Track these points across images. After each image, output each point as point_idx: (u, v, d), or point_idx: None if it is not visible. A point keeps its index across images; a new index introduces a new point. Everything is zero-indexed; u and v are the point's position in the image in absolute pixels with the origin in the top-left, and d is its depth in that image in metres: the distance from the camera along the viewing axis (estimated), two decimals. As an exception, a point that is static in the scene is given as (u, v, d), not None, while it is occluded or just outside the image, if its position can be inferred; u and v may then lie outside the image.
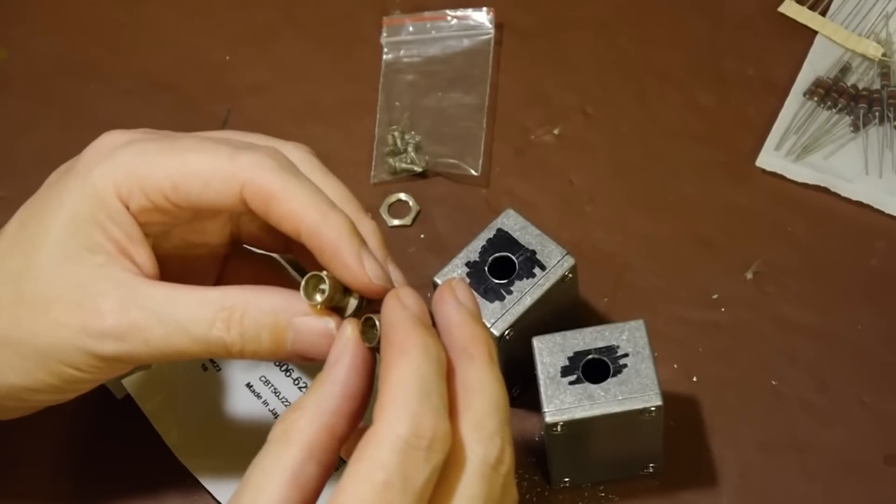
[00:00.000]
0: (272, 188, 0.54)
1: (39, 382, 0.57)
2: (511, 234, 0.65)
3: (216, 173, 0.55)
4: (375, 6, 0.82)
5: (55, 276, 0.55)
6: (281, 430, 0.51)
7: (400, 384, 0.49)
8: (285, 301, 0.55)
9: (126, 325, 0.54)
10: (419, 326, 0.51)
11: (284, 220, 0.54)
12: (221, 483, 0.66)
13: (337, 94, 0.80)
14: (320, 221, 0.54)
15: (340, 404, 0.51)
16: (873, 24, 0.78)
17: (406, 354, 0.50)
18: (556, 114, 0.78)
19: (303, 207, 0.54)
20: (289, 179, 0.54)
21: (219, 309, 0.54)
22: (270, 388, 0.68)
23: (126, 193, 0.55)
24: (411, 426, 0.48)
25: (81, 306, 0.55)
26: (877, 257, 0.71)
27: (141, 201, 0.55)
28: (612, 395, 0.60)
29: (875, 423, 0.66)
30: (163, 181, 0.55)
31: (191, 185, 0.55)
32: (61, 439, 0.68)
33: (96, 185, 0.55)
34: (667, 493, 0.65)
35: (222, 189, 0.55)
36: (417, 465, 0.48)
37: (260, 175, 0.54)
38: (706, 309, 0.70)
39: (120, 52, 0.83)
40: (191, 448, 0.67)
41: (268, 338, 0.54)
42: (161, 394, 0.68)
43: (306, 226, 0.54)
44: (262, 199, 0.54)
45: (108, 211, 0.55)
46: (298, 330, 0.54)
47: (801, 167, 0.73)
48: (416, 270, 0.72)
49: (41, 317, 0.55)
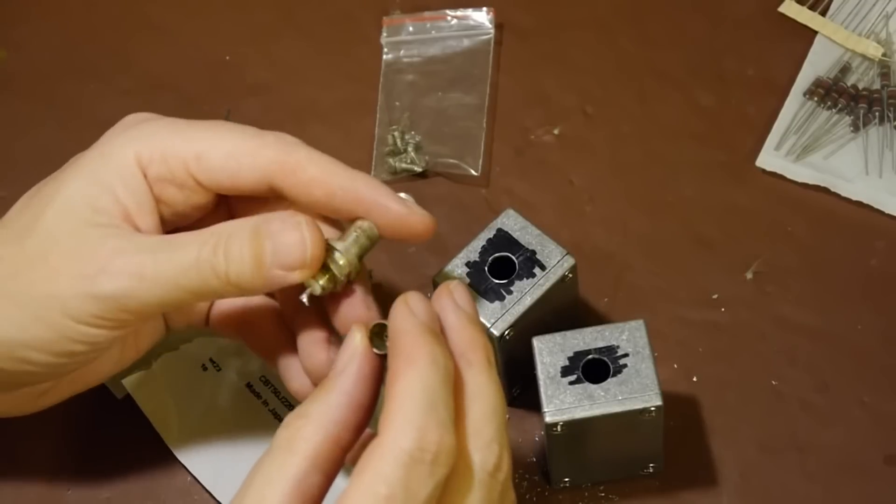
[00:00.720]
0: (300, 157, 0.56)
1: (35, 338, 0.55)
2: (511, 234, 0.65)
3: (241, 147, 0.56)
4: (375, 6, 0.82)
5: (57, 229, 0.55)
6: (285, 437, 0.50)
7: (406, 395, 0.49)
8: (266, 216, 0.55)
9: (121, 264, 0.54)
10: (427, 334, 0.51)
11: (316, 185, 0.56)
12: (221, 483, 0.66)
13: (337, 94, 0.80)
14: (351, 180, 0.56)
15: (346, 414, 0.51)
16: (873, 24, 0.78)
17: (413, 364, 0.49)
18: (556, 114, 0.78)
19: (333, 170, 0.56)
20: (311, 149, 0.56)
21: (208, 234, 0.54)
22: (270, 388, 0.68)
23: (146, 160, 0.56)
24: (416, 439, 0.48)
25: (78, 253, 0.54)
26: (877, 257, 0.71)
27: (160, 170, 0.56)
28: (612, 395, 0.60)
29: (875, 423, 0.66)
30: (186, 150, 0.56)
31: (214, 155, 0.56)
32: (61, 439, 0.68)
33: (115, 150, 0.56)
34: (667, 493, 0.65)
35: (246, 163, 0.56)
36: (421, 480, 0.48)
37: (287, 146, 0.56)
38: (706, 309, 0.70)
39: (120, 52, 0.83)
40: (191, 448, 0.67)
41: (248, 251, 0.53)
42: (161, 394, 0.68)
43: (340, 183, 0.56)
44: (289, 168, 0.56)
45: (122, 174, 0.55)
46: (274, 235, 0.54)
47: (801, 167, 0.73)
48: (416, 270, 0.72)
49: (39, 267, 0.55)
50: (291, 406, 0.68)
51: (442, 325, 0.53)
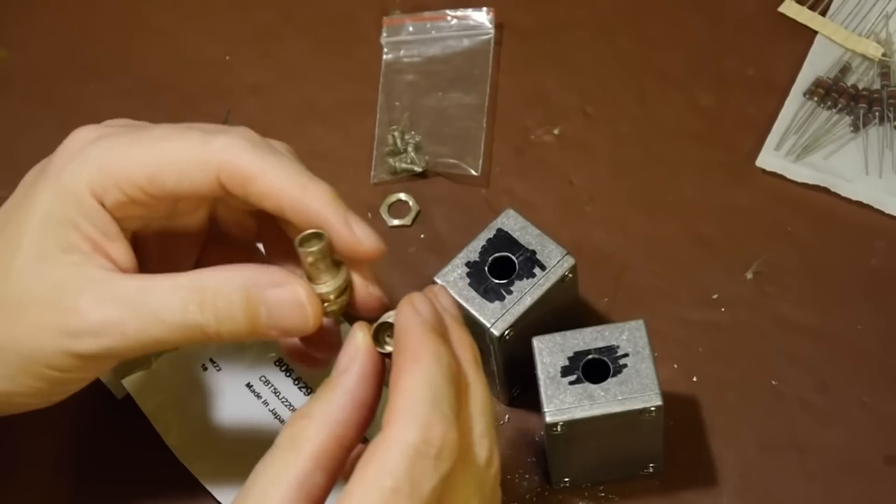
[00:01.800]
0: (248, 169, 0.54)
1: (24, 386, 0.56)
2: (511, 234, 0.65)
3: (190, 161, 0.54)
4: (375, 6, 0.82)
5: (31, 278, 0.55)
6: (288, 436, 0.50)
7: (411, 391, 0.49)
8: (256, 275, 0.54)
9: (102, 319, 0.54)
10: (432, 333, 0.51)
11: (265, 199, 0.54)
12: (221, 483, 0.66)
13: (337, 94, 0.80)
14: (301, 194, 0.54)
15: (350, 414, 0.51)
16: (873, 24, 0.78)
17: (419, 361, 0.50)
18: (556, 114, 0.78)
19: (281, 183, 0.54)
20: (264, 157, 0.54)
21: (191, 291, 0.54)
22: (270, 388, 0.68)
23: (100, 190, 0.55)
24: (421, 434, 0.48)
25: (58, 307, 0.54)
26: (877, 257, 0.71)
27: (116, 196, 0.55)
28: (612, 395, 0.60)
29: (875, 423, 0.66)
30: (137, 174, 0.54)
31: (166, 175, 0.54)
32: (61, 439, 0.68)
33: (68, 184, 0.55)
34: (667, 493, 0.65)
35: (198, 176, 0.54)
36: (426, 473, 0.48)
37: (234, 157, 0.54)
38: (706, 309, 0.70)
39: (120, 52, 0.83)
40: (191, 448, 0.67)
41: (241, 314, 0.54)
42: (161, 394, 0.68)
43: (288, 200, 0.54)
44: (239, 181, 0.54)
45: (82, 209, 0.55)
46: (270, 303, 0.54)
47: (801, 167, 0.73)
48: (416, 270, 0.72)
49: (19, 321, 0.55)
50: (291, 406, 0.68)
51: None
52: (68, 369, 0.55)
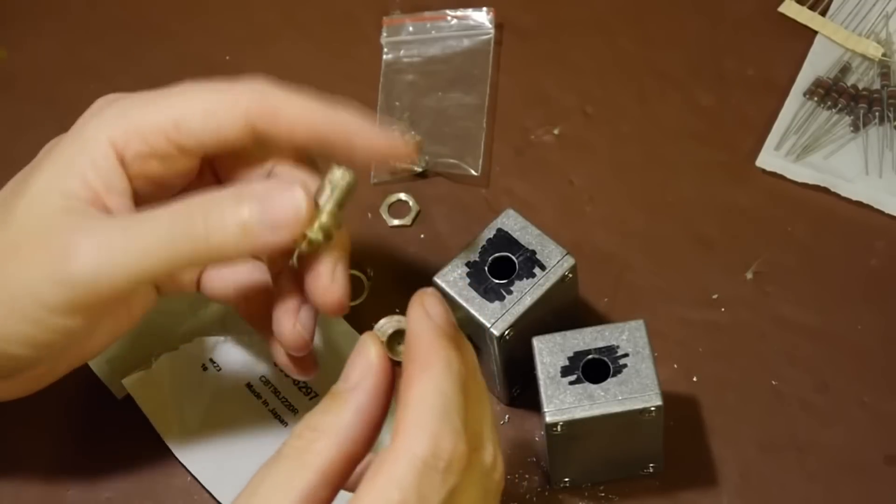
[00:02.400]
0: (278, 100, 0.56)
1: (14, 332, 0.55)
2: (511, 234, 0.65)
3: (217, 103, 0.56)
4: (375, 6, 0.82)
5: (27, 220, 0.55)
6: (295, 447, 0.50)
7: (421, 401, 0.49)
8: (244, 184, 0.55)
9: (89, 244, 0.54)
10: (443, 339, 0.50)
11: (297, 125, 0.56)
12: (221, 483, 0.66)
13: (337, 94, 0.79)
14: (334, 113, 0.56)
15: (360, 431, 0.50)
16: (873, 24, 0.78)
17: (428, 370, 0.49)
18: (556, 114, 0.78)
19: (311, 106, 0.56)
20: (289, 91, 0.57)
21: (181, 205, 0.54)
22: (270, 388, 0.68)
23: (122, 142, 0.55)
24: (431, 447, 0.48)
25: (48, 241, 0.54)
26: (877, 257, 0.71)
27: (139, 147, 0.55)
28: (612, 395, 0.60)
29: (875, 423, 0.66)
30: (163, 121, 0.56)
31: (192, 119, 0.56)
32: (61, 439, 0.68)
33: (87, 136, 0.56)
34: (667, 493, 0.65)
35: (226, 117, 0.56)
36: (434, 487, 0.48)
37: (263, 92, 0.56)
38: (706, 309, 0.70)
39: (120, 52, 0.83)
40: (191, 448, 0.67)
41: (231, 215, 0.53)
42: (161, 394, 0.68)
43: (322, 119, 0.56)
44: (269, 112, 0.56)
45: (93, 158, 0.55)
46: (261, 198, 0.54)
47: (801, 167, 0.73)
48: (416, 270, 0.72)
49: (12, 260, 0.55)
50: (291, 406, 0.68)
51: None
52: (57, 307, 0.54)
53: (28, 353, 0.56)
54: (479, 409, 0.51)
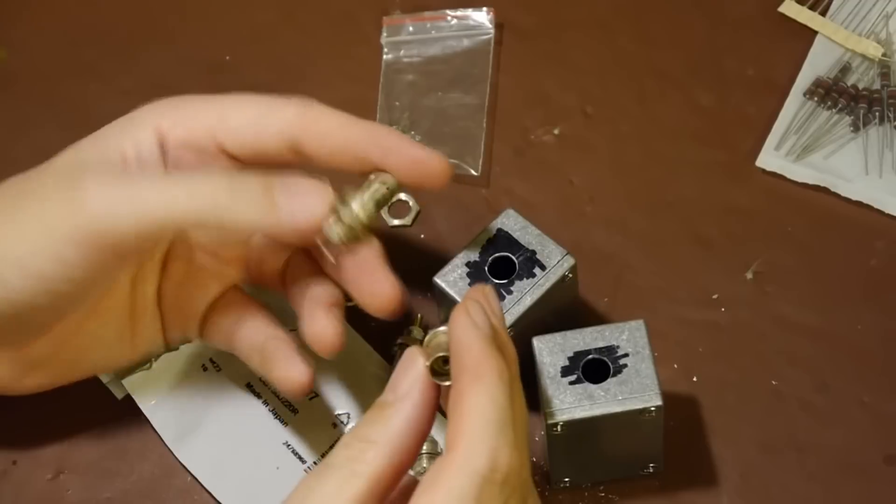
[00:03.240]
0: (319, 111, 0.58)
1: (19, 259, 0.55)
2: (511, 234, 0.65)
3: (264, 108, 0.57)
4: (375, 6, 0.82)
5: (60, 168, 0.57)
6: (345, 457, 0.50)
7: (476, 413, 0.48)
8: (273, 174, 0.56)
9: (112, 184, 0.55)
10: (492, 348, 0.50)
11: (335, 136, 0.57)
12: (222, 483, 0.66)
13: (337, 94, 0.80)
14: (369, 126, 0.58)
15: (409, 441, 0.50)
16: (873, 24, 0.78)
17: (480, 380, 0.49)
18: (556, 114, 0.78)
19: (350, 120, 0.58)
20: (332, 108, 0.58)
21: (207, 173, 0.56)
22: (270, 388, 0.68)
23: (167, 126, 0.57)
24: (490, 459, 0.48)
25: (71, 183, 0.55)
26: (877, 257, 0.71)
27: (181, 134, 0.57)
28: (612, 395, 0.60)
29: (875, 423, 0.66)
30: (210, 113, 0.57)
31: (238, 119, 0.57)
32: (61, 439, 0.68)
33: (134, 118, 0.58)
34: (667, 493, 0.65)
35: (269, 123, 0.57)
36: (492, 500, 0.48)
37: (307, 104, 0.58)
38: (706, 309, 0.70)
39: (120, 53, 0.83)
40: (191, 448, 0.67)
41: (259, 188, 0.55)
42: (161, 394, 0.68)
43: (360, 132, 0.57)
44: (309, 121, 0.57)
45: (135, 138, 0.57)
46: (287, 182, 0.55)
47: (801, 167, 0.73)
48: (417, 270, 0.72)
49: (33, 196, 0.56)
50: (291, 406, 0.68)
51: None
52: (65, 239, 0.55)
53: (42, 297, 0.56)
54: (524, 418, 0.51)
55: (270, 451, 0.67)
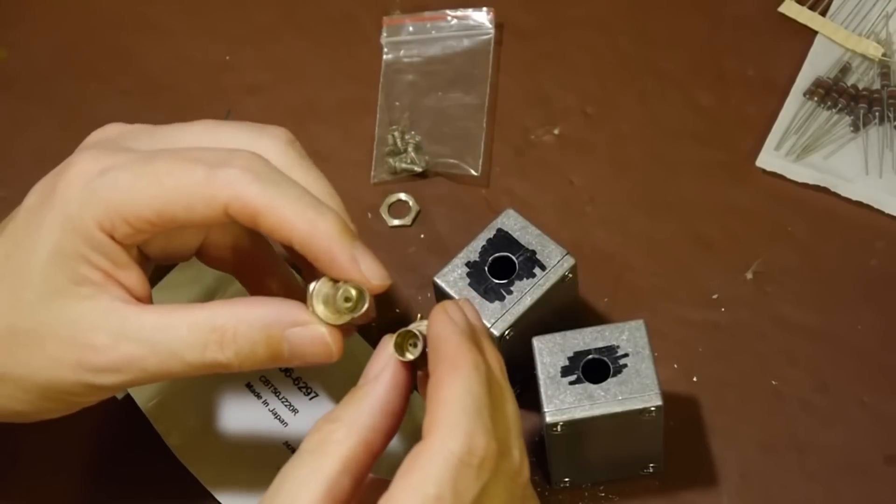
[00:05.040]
0: (255, 204, 0.53)
1: (44, 409, 0.58)
2: (511, 234, 0.65)
3: (197, 197, 0.54)
4: (375, 6, 0.82)
5: (45, 312, 0.55)
6: (316, 440, 0.51)
7: (453, 400, 0.49)
8: (276, 313, 0.55)
9: (121, 358, 0.54)
10: (469, 342, 0.51)
11: (274, 233, 0.54)
12: (222, 483, 0.66)
13: (337, 94, 0.80)
14: (310, 231, 0.54)
15: (379, 420, 0.51)
16: (873, 24, 0.78)
17: (458, 370, 0.50)
18: (556, 114, 0.78)
19: (290, 219, 0.54)
20: (270, 191, 0.54)
21: (209, 331, 0.54)
22: (270, 388, 0.68)
23: (109, 226, 0.54)
24: (465, 443, 0.49)
25: (75, 342, 0.55)
26: (877, 257, 0.71)
27: (125, 230, 0.55)
28: (612, 395, 0.60)
29: (875, 423, 0.66)
30: (144, 210, 0.54)
31: (174, 211, 0.54)
32: (61, 439, 0.68)
33: (75, 220, 0.54)
34: (667, 493, 0.65)
35: (206, 210, 0.54)
36: (468, 483, 0.48)
37: (240, 192, 0.53)
38: (706, 309, 0.70)
39: (120, 52, 0.83)
40: (191, 448, 0.67)
41: (263, 351, 0.54)
42: (161, 394, 0.68)
43: (297, 237, 0.54)
44: (248, 214, 0.54)
45: (91, 242, 0.55)
46: (293, 341, 0.54)
47: (801, 167, 0.73)
48: (416, 270, 0.72)
49: (37, 354, 0.55)
50: (292, 406, 0.68)
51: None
52: (87, 394, 0.57)
53: (52, 415, 0.59)
54: (503, 411, 0.52)
55: (270, 451, 0.67)
